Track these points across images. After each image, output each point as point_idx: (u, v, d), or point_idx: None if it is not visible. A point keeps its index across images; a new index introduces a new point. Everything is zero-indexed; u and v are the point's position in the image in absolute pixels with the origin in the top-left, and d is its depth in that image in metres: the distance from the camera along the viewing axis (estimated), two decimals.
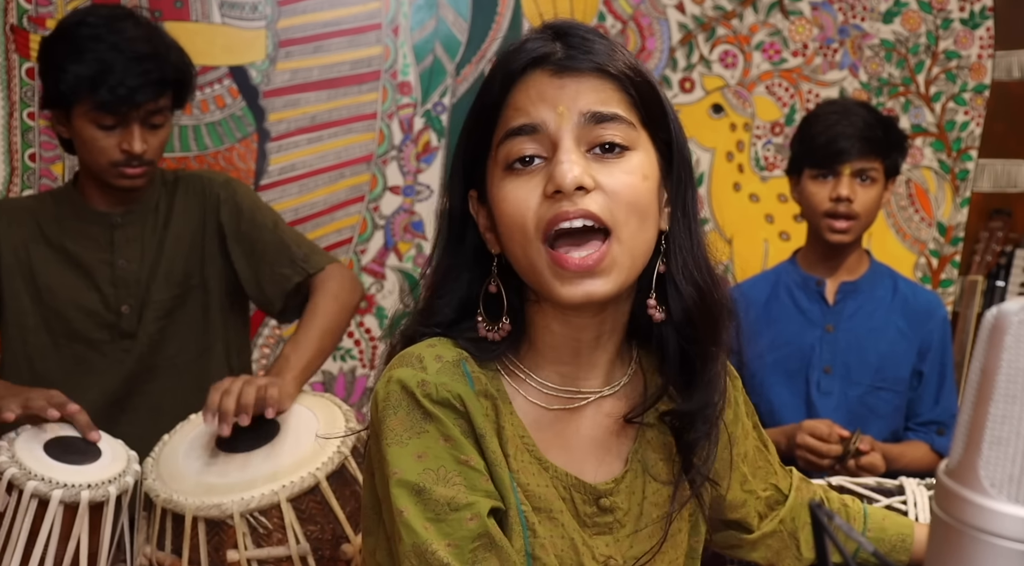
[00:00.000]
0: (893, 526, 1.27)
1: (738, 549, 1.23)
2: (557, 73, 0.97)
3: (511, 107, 0.99)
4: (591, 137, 0.97)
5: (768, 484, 1.22)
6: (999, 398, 0.59)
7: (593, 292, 0.97)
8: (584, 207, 0.95)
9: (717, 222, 3.11)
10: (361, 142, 2.88)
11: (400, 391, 0.99)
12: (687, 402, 1.05)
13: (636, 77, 0.99)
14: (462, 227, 1.05)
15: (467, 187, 1.05)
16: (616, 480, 1.06)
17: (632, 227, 0.97)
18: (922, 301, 2.26)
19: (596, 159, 0.97)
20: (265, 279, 1.96)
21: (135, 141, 1.85)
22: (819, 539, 0.67)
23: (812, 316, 2.24)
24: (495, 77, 1.01)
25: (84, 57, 1.81)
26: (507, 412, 1.02)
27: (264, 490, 1.56)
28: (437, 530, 0.93)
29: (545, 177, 0.97)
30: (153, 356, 1.97)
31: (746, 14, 3.05)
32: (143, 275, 1.96)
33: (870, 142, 2.13)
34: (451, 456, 0.97)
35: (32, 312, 1.94)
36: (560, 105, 0.96)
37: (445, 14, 2.89)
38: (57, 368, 1.94)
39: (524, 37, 1.02)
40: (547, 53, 0.98)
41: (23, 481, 1.52)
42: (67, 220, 1.96)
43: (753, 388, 2.26)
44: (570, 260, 0.95)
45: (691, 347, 1.04)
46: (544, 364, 1.05)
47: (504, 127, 0.99)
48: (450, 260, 1.06)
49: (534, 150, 0.97)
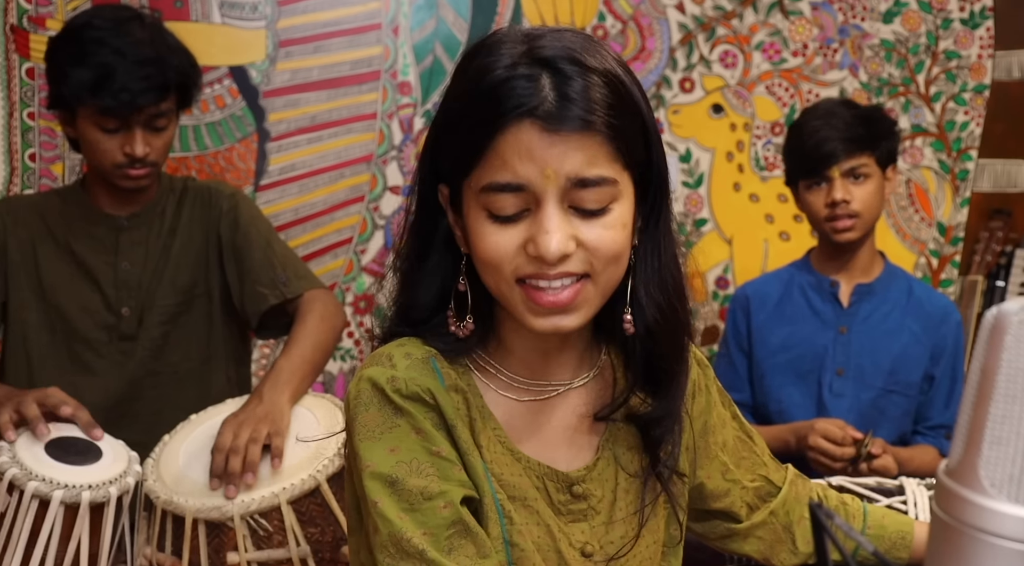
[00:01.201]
0: (893, 524, 1.27)
1: (728, 540, 1.24)
2: (547, 130, 0.93)
3: (495, 154, 0.95)
4: (575, 199, 0.95)
5: (756, 475, 1.22)
6: (999, 398, 0.59)
7: (562, 326, 0.98)
8: (564, 269, 0.96)
9: (717, 222, 3.11)
10: (361, 142, 2.88)
11: (371, 389, 1.00)
12: (652, 409, 1.07)
13: (620, 120, 0.95)
14: (434, 215, 1.05)
15: (437, 177, 1.03)
16: (588, 468, 1.08)
17: (609, 273, 0.99)
18: (937, 305, 2.25)
19: (577, 215, 0.96)
20: (246, 295, 1.98)
21: (137, 144, 1.86)
22: (819, 539, 0.67)
23: (826, 318, 2.23)
24: (476, 110, 0.96)
25: (87, 61, 1.81)
26: (478, 405, 1.04)
27: (265, 492, 1.56)
28: (412, 519, 0.95)
29: (526, 230, 0.96)
30: (155, 361, 1.98)
31: (746, 14, 3.05)
32: (146, 279, 1.96)
33: (854, 141, 2.13)
34: (423, 448, 0.98)
35: (35, 308, 1.94)
36: (548, 167, 0.94)
37: (445, 14, 2.89)
38: (55, 366, 1.94)
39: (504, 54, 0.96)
40: (536, 105, 0.93)
41: (24, 482, 1.52)
42: (73, 220, 1.97)
43: (764, 388, 2.26)
44: (543, 298, 0.96)
45: (655, 359, 1.05)
46: (513, 360, 1.07)
47: (487, 175, 0.96)
48: (423, 249, 1.05)
49: (517, 206, 0.96)
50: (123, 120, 1.84)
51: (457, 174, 1.00)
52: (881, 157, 2.17)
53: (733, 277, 3.10)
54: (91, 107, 1.83)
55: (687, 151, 3.07)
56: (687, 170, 3.07)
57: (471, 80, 0.98)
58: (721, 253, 3.12)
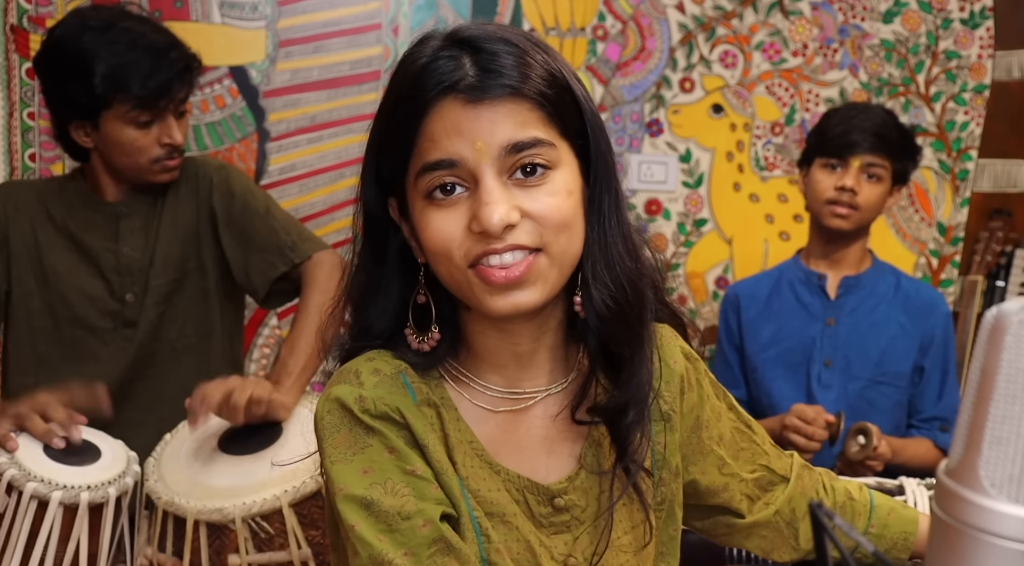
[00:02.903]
0: (896, 523, 1.25)
1: (730, 536, 1.21)
2: (471, 102, 0.93)
3: (425, 137, 0.95)
4: (511, 164, 0.94)
5: (756, 465, 1.20)
6: (999, 398, 0.59)
7: (520, 303, 0.96)
8: (513, 241, 0.94)
9: (717, 222, 3.11)
10: (361, 142, 2.87)
11: (339, 409, 0.98)
12: (613, 397, 1.03)
13: (551, 89, 0.95)
14: (384, 233, 1.03)
15: (386, 195, 1.03)
16: (570, 478, 1.05)
17: (561, 243, 0.96)
18: (924, 297, 2.28)
19: (518, 184, 0.95)
20: (252, 266, 1.96)
21: (175, 132, 1.87)
22: (819, 539, 0.67)
23: (813, 310, 2.26)
24: (402, 103, 0.96)
25: (108, 60, 1.80)
26: (452, 419, 1.02)
27: (266, 494, 1.55)
28: (392, 540, 0.93)
29: (468, 209, 0.94)
30: (153, 342, 1.97)
31: (746, 14, 3.05)
32: (145, 263, 1.96)
33: (883, 139, 2.18)
34: (397, 467, 0.96)
35: (37, 295, 1.94)
36: (477, 140, 0.92)
37: (445, 14, 2.89)
38: (58, 352, 1.94)
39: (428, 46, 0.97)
40: (457, 79, 0.93)
41: (23, 482, 1.52)
42: (74, 207, 1.97)
43: (755, 381, 2.29)
44: (495, 275, 0.94)
45: (611, 345, 1.02)
46: (486, 368, 1.04)
47: (420, 159, 0.95)
48: (376, 269, 1.04)
49: (453, 180, 0.95)
50: (156, 111, 1.84)
51: (398, 174, 0.98)
52: (897, 170, 2.22)
53: (733, 277, 3.10)
54: (124, 105, 1.82)
55: (687, 151, 3.07)
56: (687, 170, 3.07)
57: (397, 76, 0.98)
58: (721, 253, 3.12)
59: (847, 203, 2.16)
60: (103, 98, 1.81)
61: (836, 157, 2.19)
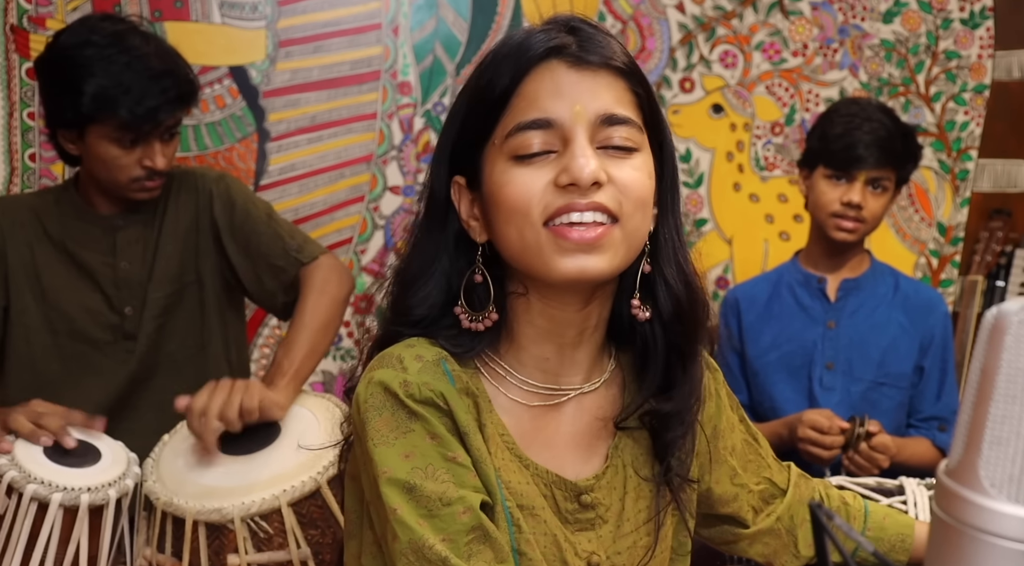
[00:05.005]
0: (893, 526, 1.27)
1: (734, 545, 1.23)
2: (574, 65, 0.98)
3: (523, 97, 0.98)
4: (603, 137, 0.98)
5: (761, 478, 1.22)
6: (999, 398, 0.59)
7: (588, 267, 0.96)
8: (596, 200, 0.96)
9: (717, 222, 3.11)
10: (361, 142, 2.88)
11: (383, 392, 0.98)
12: (668, 402, 1.05)
13: (641, 81, 1.01)
14: (445, 214, 1.05)
15: (452, 172, 1.04)
16: (597, 476, 1.06)
17: (636, 220, 0.98)
18: (923, 297, 2.28)
19: (606, 155, 0.98)
20: (264, 272, 1.97)
21: (157, 157, 1.85)
22: (819, 539, 0.67)
23: (814, 313, 2.26)
24: (503, 62, 0.99)
25: (100, 78, 1.78)
26: (487, 410, 1.02)
27: (265, 494, 1.55)
28: (431, 526, 0.93)
29: (556, 168, 0.97)
30: (154, 354, 1.97)
31: (746, 14, 3.05)
32: (143, 276, 1.96)
33: (888, 153, 2.15)
34: (438, 453, 0.96)
35: (35, 311, 1.93)
36: (577, 104, 0.97)
37: (445, 14, 2.88)
38: (59, 368, 1.93)
39: (529, 28, 1.02)
40: (563, 44, 0.98)
41: (23, 484, 1.52)
42: (69, 221, 1.96)
43: (757, 385, 2.28)
44: (572, 233, 0.96)
45: (676, 345, 1.04)
46: (526, 360, 1.05)
47: (515, 118, 0.98)
48: (432, 248, 1.05)
49: (545, 145, 0.97)
50: (141, 134, 1.83)
51: (479, 142, 1.00)
52: (900, 177, 2.21)
53: (733, 277, 3.10)
54: (108, 124, 1.80)
55: (687, 151, 3.07)
56: (687, 170, 3.07)
57: (493, 51, 1.02)
58: (721, 253, 3.12)
59: (853, 217, 2.15)
60: (89, 115, 1.81)
61: (841, 170, 2.16)
